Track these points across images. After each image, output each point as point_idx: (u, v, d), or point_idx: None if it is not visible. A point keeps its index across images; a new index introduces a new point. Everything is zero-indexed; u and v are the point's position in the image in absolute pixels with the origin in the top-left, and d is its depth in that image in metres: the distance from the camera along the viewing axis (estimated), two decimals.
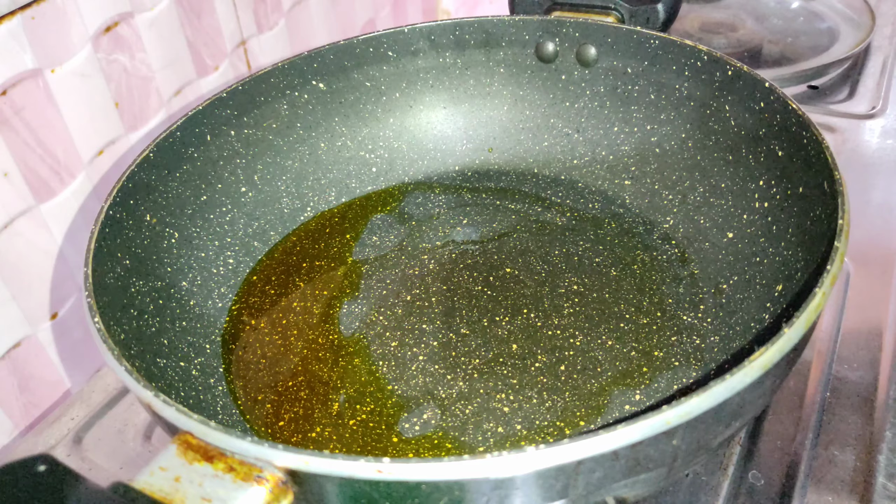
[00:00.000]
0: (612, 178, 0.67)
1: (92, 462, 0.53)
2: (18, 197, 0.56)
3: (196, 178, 0.59)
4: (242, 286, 0.60)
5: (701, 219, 0.61)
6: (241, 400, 0.51)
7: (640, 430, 0.32)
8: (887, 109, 0.82)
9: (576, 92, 0.68)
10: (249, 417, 0.50)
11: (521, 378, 0.51)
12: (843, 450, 0.50)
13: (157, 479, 0.32)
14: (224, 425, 0.35)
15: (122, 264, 0.50)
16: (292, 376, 0.53)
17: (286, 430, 0.49)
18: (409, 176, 0.70)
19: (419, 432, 0.48)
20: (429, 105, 0.71)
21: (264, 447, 0.32)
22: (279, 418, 0.50)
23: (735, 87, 0.57)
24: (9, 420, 0.59)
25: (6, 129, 0.54)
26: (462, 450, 0.47)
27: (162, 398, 0.36)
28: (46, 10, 0.55)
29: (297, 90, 0.65)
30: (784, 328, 0.36)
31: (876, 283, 0.61)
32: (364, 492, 0.32)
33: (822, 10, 0.96)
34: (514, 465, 0.31)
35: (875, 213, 0.68)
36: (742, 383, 0.34)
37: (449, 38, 0.68)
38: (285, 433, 0.49)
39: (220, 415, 0.50)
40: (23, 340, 0.59)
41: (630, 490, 0.37)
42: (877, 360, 0.55)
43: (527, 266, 0.59)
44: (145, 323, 0.50)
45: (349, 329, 0.56)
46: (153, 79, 0.65)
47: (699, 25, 0.97)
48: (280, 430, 0.49)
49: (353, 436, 0.49)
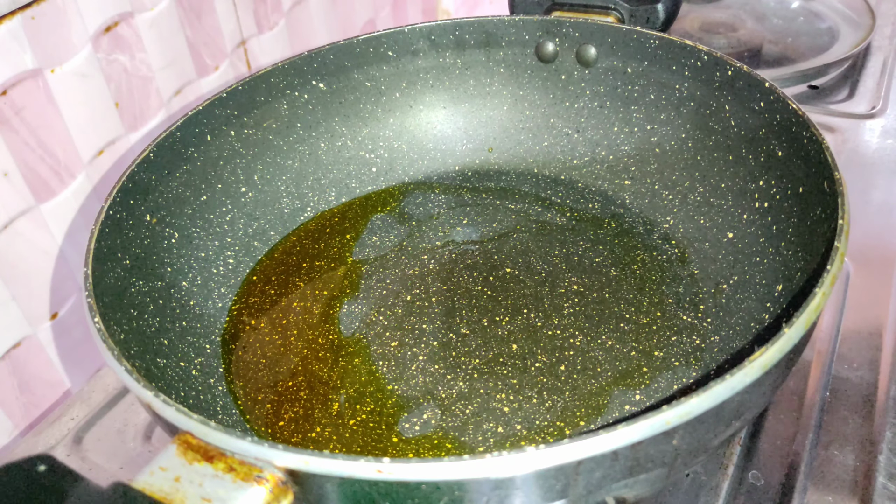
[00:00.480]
0: (612, 178, 0.67)
1: (92, 462, 0.53)
2: (18, 197, 0.56)
3: (196, 178, 0.59)
4: (242, 286, 0.60)
5: (701, 219, 0.61)
6: (241, 400, 0.52)
7: (640, 430, 0.32)
8: (887, 109, 0.82)
9: (576, 92, 0.68)
10: (249, 417, 0.50)
11: (521, 378, 0.51)
12: (843, 450, 0.50)
13: (157, 479, 0.32)
14: (224, 425, 0.35)
15: (122, 264, 0.50)
16: (292, 376, 0.53)
17: (286, 430, 0.49)
18: (409, 176, 0.70)
19: (419, 432, 0.48)
20: (429, 105, 0.71)
21: (264, 447, 0.32)
22: (279, 418, 0.50)
23: (735, 87, 0.57)
24: (9, 420, 0.59)
25: (6, 129, 0.54)
26: (462, 450, 0.47)
27: (162, 398, 0.36)
28: (46, 10, 0.55)
29: (297, 90, 0.65)
30: (784, 328, 0.36)
31: (876, 283, 0.61)
32: (364, 492, 0.32)
33: (822, 10, 0.96)
34: (514, 465, 0.31)
35: (875, 213, 0.68)
36: (742, 383, 0.34)
37: (449, 38, 0.68)
38: (285, 433, 0.49)
39: (220, 415, 0.50)
40: (23, 340, 0.59)
41: (630, 490, 0.37)
42: (877, 360, 0.55)
43: (527, 266, 0.59)
44: (145, 323, 0.50)
45: (349, 329, 0.56)
46: (153, 79, 0.65)
47: (699, 25, 0.97)
48: (280, 430, 0.49)
49: (353, 436, 0.49)
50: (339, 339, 0.56)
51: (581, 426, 0.48)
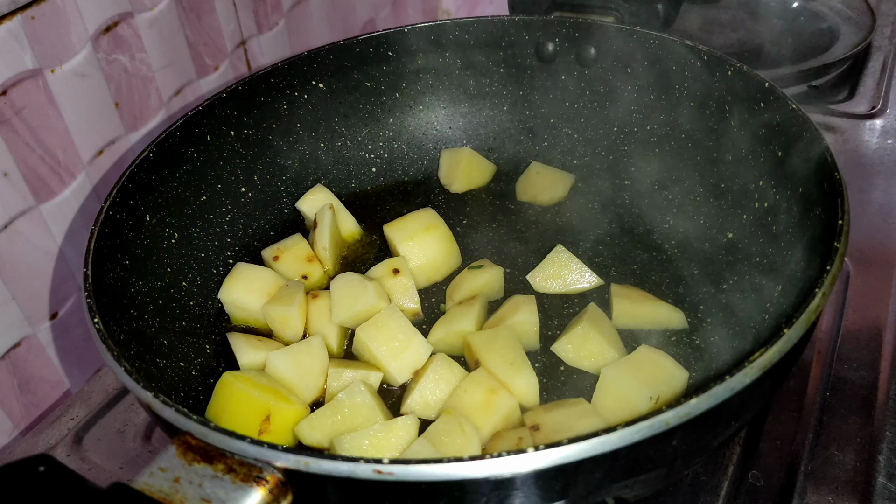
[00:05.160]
0: (612, 178, 0.67)
1: (92, 462, 0.53)
2: (18, 197, 0.56)
3: (196, 178, 0.59)
4: None
5: (701, 219, 0.60)
6: None
7: (640, 430, 0.32)
8: (887, 109, 0.81)
9: (576, 92, 0.68)
10: None
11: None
12: (843, 450, 0.50)
13: (156, 479, 0.32)
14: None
15: (121, 264, 0.50)
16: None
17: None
18: (409, 176, 0.70)
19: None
20: (429, 105, 0.71)
21: (264, 448, 0.32)
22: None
23: (735, 87, 0.57)
24: (9, 420, 0.59)
25: (6, 129, 0.54)
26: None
27: (161, 399, 0.36)
28: (46, 10, 0.55)
29: (297, 90, 0.65)
30: (784, 328, 0.36)
31: (876, 283, 0.61)
32: (363, 492, 0.33)
33: (822, 10, 0.96)
34: (513, 466, 0.31)
35: (875, 213, 0.68)
36: (742, 383, 0.34)
37: (449, 38, 0.68)
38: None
39: None
40: (23, 340, 0.59)
41: (630, 490, 0.37)
42: (877, 360, 0.55)
43: (527, 266, 0.59)
44: (145, 323, 0.50)
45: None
46: (153, 79, 0.65)
47: (699, 25, 0.97)
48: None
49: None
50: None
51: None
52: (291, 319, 0.54)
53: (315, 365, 0.51)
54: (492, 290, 0.57)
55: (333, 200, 0.63)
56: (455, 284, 0.58)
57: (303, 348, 0.52)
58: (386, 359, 0.51)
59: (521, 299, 0.54)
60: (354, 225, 0.64)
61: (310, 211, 0.63)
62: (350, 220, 0.64)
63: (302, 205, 0.64)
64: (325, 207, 0.61)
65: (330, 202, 0.63)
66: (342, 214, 0.64)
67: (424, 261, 0.59)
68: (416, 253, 0.59)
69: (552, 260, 0.58)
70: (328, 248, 0.59)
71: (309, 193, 0.64)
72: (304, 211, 0.64)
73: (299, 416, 0.48)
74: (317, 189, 0.64)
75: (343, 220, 0.64)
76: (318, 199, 0.64)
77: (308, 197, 0.64)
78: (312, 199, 0.64)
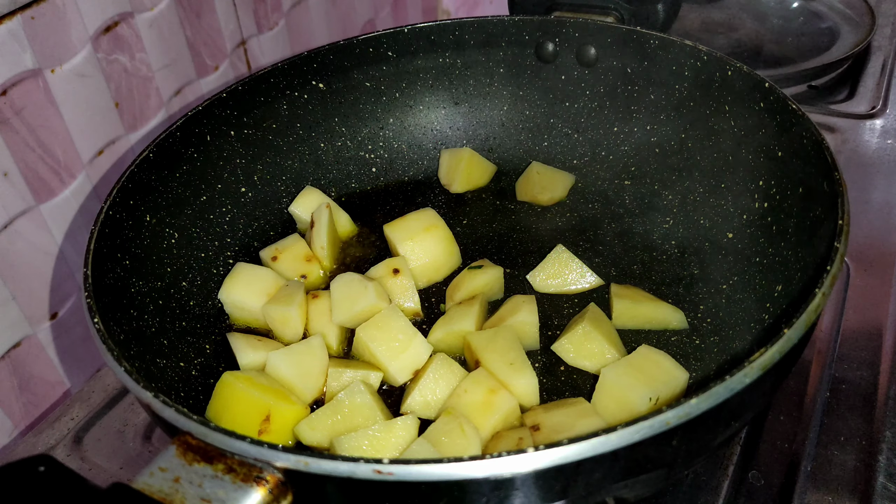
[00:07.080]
0: (612, 178, 0.67)
1: (92, 462, 0.53)
2: (18, 197, 0.56)
3: (196, 178, 0.59)
4: None
5: (701, 219, 0.60)
6: None
7: (640, 430, 0.32)
8: (887, 109, 0.81)
9: (576, 92, 0.68)
10: None
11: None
12: (843, 450, 0.50)
13: (156, 479, 0.32)
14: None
15: (121, 264, 0.50)
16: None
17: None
18: (409, 176, 0.70)
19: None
20: (429, 105, 0.71)
21: (264, 448, 0.32)
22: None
23: (735, 87, 0.57)
24: (9, 420, 0.59)
25: (6, 129, 0.54)
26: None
27: (161, 399, 0.36)
28: (46, 10, 0.55)
29: (297, 90, 0.65)
30: (784, 328, 0.36)
31: (876, 283, 0.61)
32: (363, 492, 0.33)
33: (822, 10, 0.96)
34: (513, 466, 0.31)
35: (875, 213, 0.68)
36: (742, 383, 0.34)
37: (449, 38, 0.68)
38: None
39: None
40: (23, 340, 0.59)
41: (630, 490, 0.37)
42: (877, 360, 0.55)
43: (527, 266, 0.59)
44: (145, 323, 0.50)
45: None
46: (153, 79, 0.65)
47: (699, 25, 0.97)
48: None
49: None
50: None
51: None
52: (291, 319, 0.54)
53: (315, 365, 0.51)
54: (492, 290, 0.57)
55: (326, 200, 0.63)
56: (455, 284, 0.58)
57: (303, 348, 0.51)
58: (386, 359, 0.51)
59: (521, 299, 0.54)
60: (349, 222, 0.64)
61: (303, 213, 0.63)
62: (344, 217, 0.64)
63: (295, 207, 0.64)
64: (321, 206, 0.61)
65: (324, 202, 0.63)
66: (337, 212, 0.64)
67: (424, 261, 0.59)
68: (417, 253, 0.59)
69: (552, 260, 0.58)
70: (326, 246, 0.59)
71: (301, 196, 0.64)
72: (298, 213, 0.64)
73: (299, 416, 0.48)
74: (308, 191, 0.64)
75: (338, 218, 0.64)
76: (311, 200, 0.64)
77: (300, 199, 0.64)
78: (305, 200, 0.64)
